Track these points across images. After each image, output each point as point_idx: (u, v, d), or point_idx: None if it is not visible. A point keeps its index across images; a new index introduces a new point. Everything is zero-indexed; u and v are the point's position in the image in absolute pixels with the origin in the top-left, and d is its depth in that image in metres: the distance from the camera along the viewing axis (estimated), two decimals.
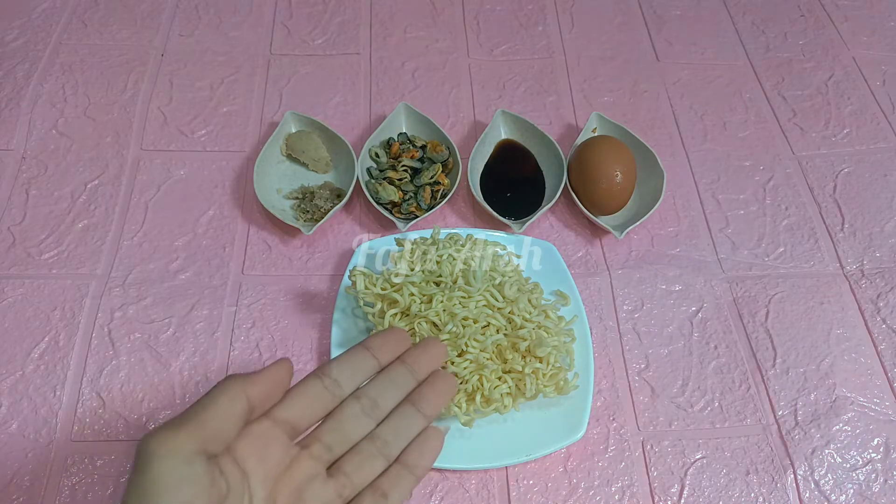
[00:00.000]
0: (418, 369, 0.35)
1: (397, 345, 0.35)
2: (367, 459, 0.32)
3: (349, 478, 0.31)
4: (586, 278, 0.56)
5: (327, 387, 0.32)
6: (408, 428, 0.34)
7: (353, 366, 0.33)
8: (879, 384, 0.52)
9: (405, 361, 0.35)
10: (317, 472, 0.31)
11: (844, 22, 0.77)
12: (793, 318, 0.55)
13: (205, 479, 0.26)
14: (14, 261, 0.55)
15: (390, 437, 0.33)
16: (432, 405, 0.34)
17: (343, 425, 0.32)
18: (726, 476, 0.48)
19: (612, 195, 0.57)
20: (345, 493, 0.31)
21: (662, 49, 0.73)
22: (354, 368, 0.33)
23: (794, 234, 0.60)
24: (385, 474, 0.33)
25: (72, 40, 0.70)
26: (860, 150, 0.66)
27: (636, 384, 0.52)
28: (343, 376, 0.32)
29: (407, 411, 0.34)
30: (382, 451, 0.33)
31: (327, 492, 0.31)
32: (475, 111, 0.67)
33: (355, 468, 0.32)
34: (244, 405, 0.28)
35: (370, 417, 0.33)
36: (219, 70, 0.68)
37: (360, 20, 0.74)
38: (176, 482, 0.25)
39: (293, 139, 0.61)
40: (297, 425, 0.31)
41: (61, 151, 0.62)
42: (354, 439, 0.33)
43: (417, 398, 0.34)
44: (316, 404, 0.31)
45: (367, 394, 0.33)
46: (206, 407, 0.27)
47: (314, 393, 0.31)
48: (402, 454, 0.33)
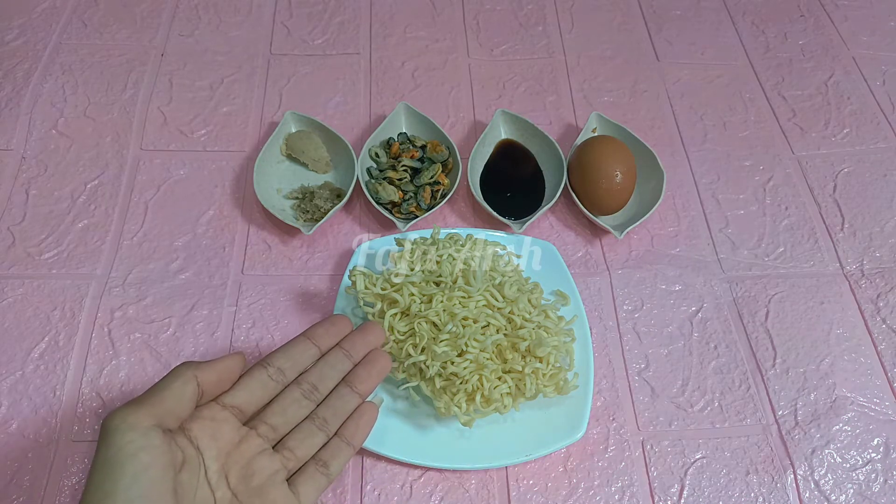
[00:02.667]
0: (355, 353, 0.40)
1: (337, 332, 0.40)
2: (308, 436, 0.37)
3: (293, 452, 0.36)
4: (586, 278, 0.56)
5: (271, 375, 0.37)
6: (344, 406, 0.39)
7: (295, 355, 0.38)
8: (879, 384, 0.52)
9: (343, 347, 0.40)
10: (264, 448, 0.35)
11: (844, 22, 0.77)
12: (793, 318, 0.55)
13: (161, 448, 0.30)
14: (14, 261, 0.55)
15: (329, 416, 0.38)
16: (367, 384, 0.40)
17: (286, 409, 0.37)
18: (726, 476, 0.48)
19: (612, 195, 0.57)
20: (289, 465, 0.36)
21: (662, 49, 0.73)
22: (296, 358, 0.38)
23: (794, 234, 0.60)
24: (325, 447, 0.38)
25: (72, 40, 0.70)
26: (860, 150, 0.66)
27: (636, 384, 0.52)
28: (286, 365, 0.37)
29: (343, 392, 0.39)
30: (322, 428, 0.38)
31: (274, 464, 0.35)
32: (475, 111, 0.67)
33: (298, 443, 0.37)
34: (195, 388, 0.33)
35: (310, 400, 0.38)
36: (219, 70, 0.68)
37: (359, 20, 0.74)
38: (135, 450, 0.29)
39: (293, 139, 0.61)
40: (245, 409, 0.36)
41: (61, 151, 0.62)
42: (297, 420, 0.37)
43: (353, 379, 0.39)
44: (261, 391, 0.36)
45: (308, 379, 0.38)
46: (162, 389, 0.32)
47: (260, 381, 0.36)
48: (340, 429, 0.38)
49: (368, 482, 0.47)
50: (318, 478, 0.37)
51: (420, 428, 0.48)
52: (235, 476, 0.34)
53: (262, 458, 0.35)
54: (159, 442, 0.30)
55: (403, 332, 0.46)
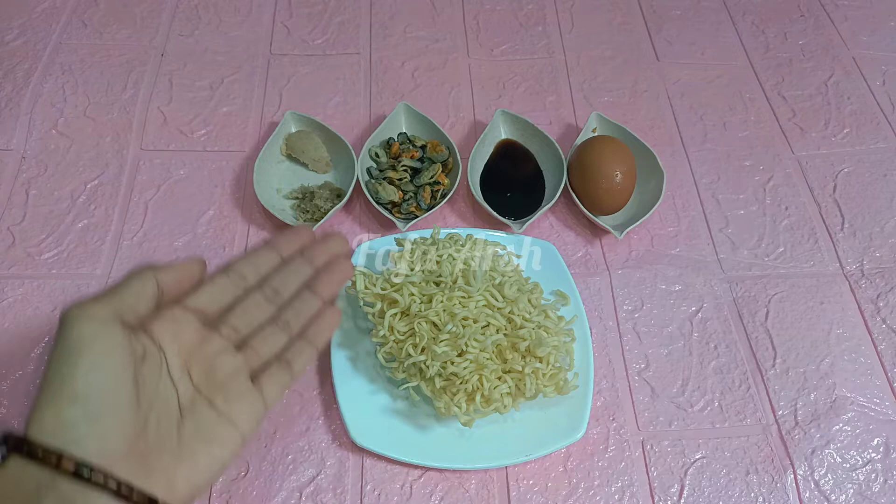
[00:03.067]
0: (317, 260, 0.40)
1: (299, 241, 0.40)
2: (271, 336, 0.37)
3: (256, 351, 0.36)
4: (586, 278, 0.56)
5: (233, 280, 0.36)
6: (306, 309, 0.38)
7: (257, 261, 0.38)
8: (879, 384, 0.52)
9: (304, 254, 0.39)
10: (226, 347, 0.35)
11: (844, 22, 0.77)
12: (793, 318, 0.55)
13: (121, 338, 0.30)
14: (14, 261, 0.55)
15: (291, 318, 0.37)
16: (329, 289, 0.39)
17: (248, 311, 0.37)
18: (726, 476, 0.48)
19: (612, 195, 0.57)
20: (252, 363, 0.36)
21: (662, 49, 0.73)
22: (258, 263, 0.38)
23: (794, 234, 0.60)
24: (288, 347, 0.37)
25: (72, 40, 0.70)
26: (860, 150, 0.66)
27: (636, 384, 0.52)
28: (248, 271, 0.37)
29: (305, 295, 0.38)
30: (284, 329, 0.37)
31: (236, 361, 0.35)
32: (475, 111, 0.67)
33: (261, 343, 0.36)
34: (154, 287, 0.32)
35: (272, 303, 0.37)
36: (219, 70, 0.68)
37: (359, 20, 0.74)
38: (93, 337, 0.29)
39: (293, 139, 0.61)
40: (208, 312, 0.35)
41: (61, 151, 0.62)
42: (259, 322, 0.37)
43: (315, 284, 0.39)
44: (223, 295, 0.36)
45: (270, 284, 0.38)
46: (121, 286, 0.32)
47: (221, 285, 0.36)
48: (303, 330, 0.38)
49: (368, 482, 0.47)
50: (281, 375, 0.36)
51: (420, 428, 0.48)
52: (198, 373, 0.34)
53: (224, 356, 0.35)
54: (118, 332, 0.30)
55: (403, 332, 0.46)
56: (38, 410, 0.28)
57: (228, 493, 0.46)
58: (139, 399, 0.30)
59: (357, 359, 0.50)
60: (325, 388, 0.50)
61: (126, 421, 0.29)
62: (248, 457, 0.47)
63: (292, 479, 0.47)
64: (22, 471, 0.27)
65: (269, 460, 0.47)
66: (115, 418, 0.29)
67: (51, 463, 0.27)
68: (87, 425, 0.28)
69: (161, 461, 0.30)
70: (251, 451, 0.47)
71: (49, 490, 0.26)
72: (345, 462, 0.47)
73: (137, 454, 0.29)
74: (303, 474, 0.47)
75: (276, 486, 0.46)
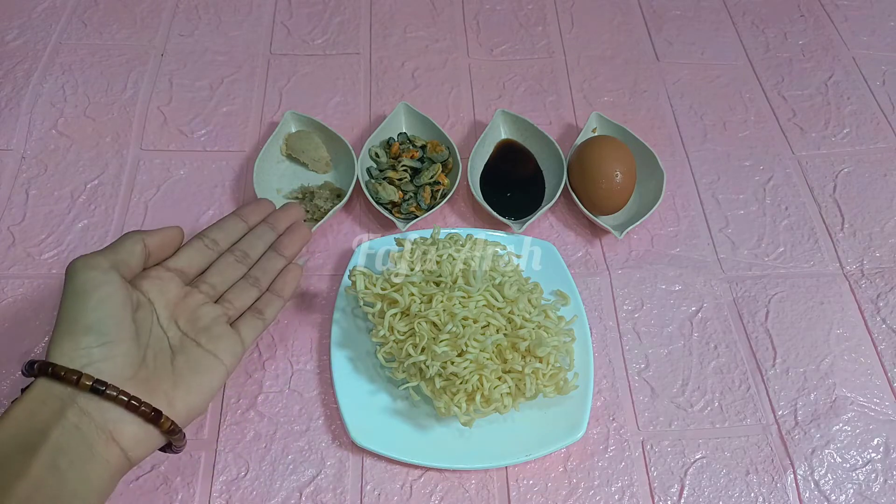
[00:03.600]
0: (279, 226, 0.46)
1: (262, 211, 0.47)
2: (243, 291, 0.43)
3: (231, 303, 0.42)
4: (586, 278, 0.56)
5: (207, 245, 0.43)
6: (273, 266, 0.45)
7: (227, 229, 0.44)
8: (879, 384, 0.52)
9: (268, 222, 0.46)
10: (206, 301, 0.41)
11: (844, 22, 0.77)
12: (793, 318, 0.55)
13: (120, 284, 0.36)
14: (14, 261, 0.55)
15: (260, 275, 0.44)
16: (290, 249, 0.46)
17: (223, 271, 0.43)
18: (726, 476, 0.48)
19: (612, 195, 0.57)
20: (229, 312, 0.42)
21: (662, 49, 0.73)
22: (228, 230, 0.44)
23: (794, 234, 0.60)
24: (259, 300, 0.44)
25: (72, 40, 0.70)
26: (860, 150, 0.66)
27: (636, 384, 0.52)
28: (219, 237, 0.44)
29: (270, 255, 0.45)
30: (255, 285, 0.44)
31: (216, 311, 0.41)
32: (475, 111, 0.67)
33: (235, 297, 0.43)
34: (142, 247, 0.38)
35: (243, 264, 0.44)
36: (219, 70, 0.68)
37: (360, 20, 0.74)
38: (97, 282, 0.35)
39: (293, 139, 0.61)
40: (187, 272, 0.41)
41: (61, 151, 0.62)
42: (233, 280, 0.43)
43: (278, 246, 0.46)
44: (199, 258, 0.42)
45: (240, 247, 0.44)
46: (115, 244, 0.38)
47: (197, 249, 0.42)
48: (271, 285, 0.45)
49: (368, 482, 0.47)
50: (255, 322, 0.42)
51: (420, 428, 0.48)
52: (184, 321, 0.39)
53: (205, 307, 0.41)
54: (118, 279, 0.36)
55: (403, 332, 0.46)
56: (57, 341, 0.34)
57: (228, 493, 0.46)
58: (138, 337, 0.36)
59: (357, 359, 0.50)
60: (325, 388, 0.50)
61: (130, 352, 0.35)
62: (247, 457, 0.47)
63: (292, 479, 0.47)
64: (48, 390, 0.32)
65: (269, 460, 0.47)
66: (121, 347, 0.34)
67: (71, 381, 0.32)
68: (99, 351, 0.34)
69: (160, 386, 0.36)
70: (251, 451, 0.47)
71: (71, 403, 0.32)
72: (345, 462, 0.47)
73: (140, 380, 0.35)
74: (303, 474, 0.47)
75: (276, 486, 0.46)
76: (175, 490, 0.46)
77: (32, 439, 0.31)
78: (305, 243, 0.47)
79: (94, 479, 0.32)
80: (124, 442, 0.34)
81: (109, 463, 0.33)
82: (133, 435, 0.34)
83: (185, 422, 0.37)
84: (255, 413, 0.49)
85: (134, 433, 0.34)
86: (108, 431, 0.33)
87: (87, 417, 0.32)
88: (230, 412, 0.49)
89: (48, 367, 0.33)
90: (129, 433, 0.34)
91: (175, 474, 0.46)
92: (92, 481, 0.32)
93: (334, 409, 0.49)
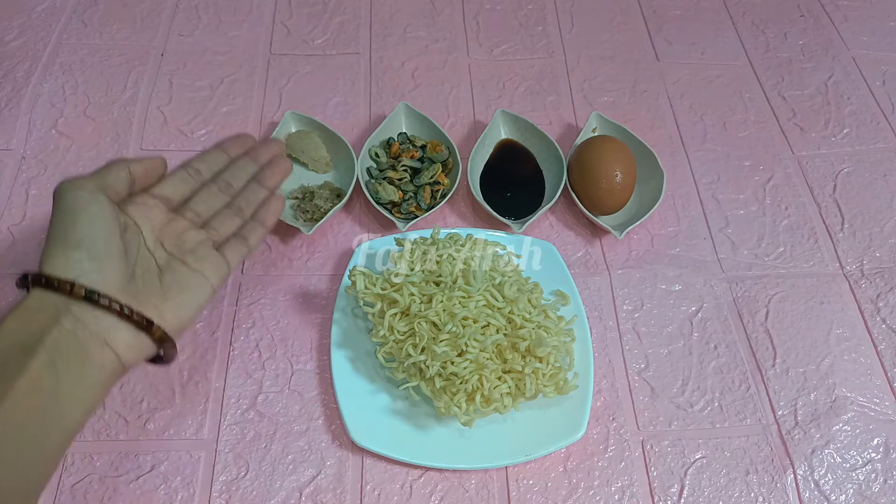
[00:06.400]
0: (261, 158, 0.46)
1: (243, 144, 0.46)
2: (227, 218, 0.43)
3: (216, 230, 0.42)
4: (586, 278, 0.56)
5: (191, 174, 0.43)
6: (255, 196, 0.45)
7: (210, 160, 0.44)
8: (879, 384, 0.52)
9: (249, 154, 0.46)
10: (191, 226, 0.41)
11: (844, 22, 0.77)
12: (793, 318, 0.55)
13: (108, 204, 0.36)
14: (14, 261, 0.55)
15: (243, 204, 0.44)
16: (272, 181, 0.46)
17: (206, 199, 0.43)
18: (726, 476, 0.48)
19: (612, 195, 0.57)
20: (214, 237, 0.42)
21: (662, 49, 0.73)
22: (210, 161, 0.44)
23: (794, 234, 0.60)
24: (243, 227, 0.44)
25: (72, 40, 0.70)
26: (860, 150, 0.66)
27: (636, 384, 0.52)
28: (202, 167, 0.44)
29: (253, 186, 0.45)
30: (238, 214, 0.44)
31: (201, 235, 0.41)
32: (475, 111, 0.67)
33: (219, 223, 0.43)
34: (127, 173, 0.38)
35: (226, 194, 0.44)
36: (219, 70, 0.68)
37: (360, 20, 0.74)
38: (86, 202, 0.35)
39: (293, 139, 0.61)
40: (172, 199, 0.41)
41: (61, 151, 0.62)
42: (216, 208, 0.43)
43: (261, 177, 0.45)
44: (183, 186, 0.42)
45: (223, 178, 0.44)
46: (101, 170, 0.38)
47: (181, 178, 0.42)
48: (254, 214, 0.44)
49: (368, 482, 0.47)
50: (239, 247, 0.43)
51: (420, 428, 0.48)
52: (170, 244, 0.40)
53: (190, 231, 0.41)
54: (105, 200, 0.36)
55: (403, 332, 0.46)
56: (49, 255, 0.34)
57: (228, 493, 0.46)
58: (127, 255, 0.36)
59: (357, 359, 0.50)
60: (325, 388, 0.50)
61: (119, 267, 0.35)
62: (247, 457, 0.47)
63: (292, 479, 0.47)
64: (43, 299, 0.33)
65: (269, 460, 0.47)
66: (110, 261, 0.35)
67: (65, 290, 0.33)
68: (89, 263, 0.34)
69: (150, 299, 0.36)
70: (251, 451, 0.47)
71: (65, 311, 0.33)
72: (345, 462, 0.47)
73: (131, 294, 0.36)
74: (303, 474, 0.47)
75: (276, 486, 0.46)
76: (175, 490, 0.46)
77: (30, 342, 0.32)
78: (287, 176, 0.47)
79: (90, 382, 0.34)
80: (118, 348, 0.35)
81: (104, 366, 0.34)
82: (126, 342, 0.35)
83: (174, 333, 0.37)
84: (255, 413, 0.49)
85: (127, 340, 0.35)
86: (101, 338, 0.34)
87: (81, 324, 0.33)
88: (230, 412, 0.49)
89: (42, 278, 0.33)
90: (122, 340, 0.35)
91: (175, 474, 0.46)
92: (87, 383, 0.33)
93: (334, 409, 0.49)
